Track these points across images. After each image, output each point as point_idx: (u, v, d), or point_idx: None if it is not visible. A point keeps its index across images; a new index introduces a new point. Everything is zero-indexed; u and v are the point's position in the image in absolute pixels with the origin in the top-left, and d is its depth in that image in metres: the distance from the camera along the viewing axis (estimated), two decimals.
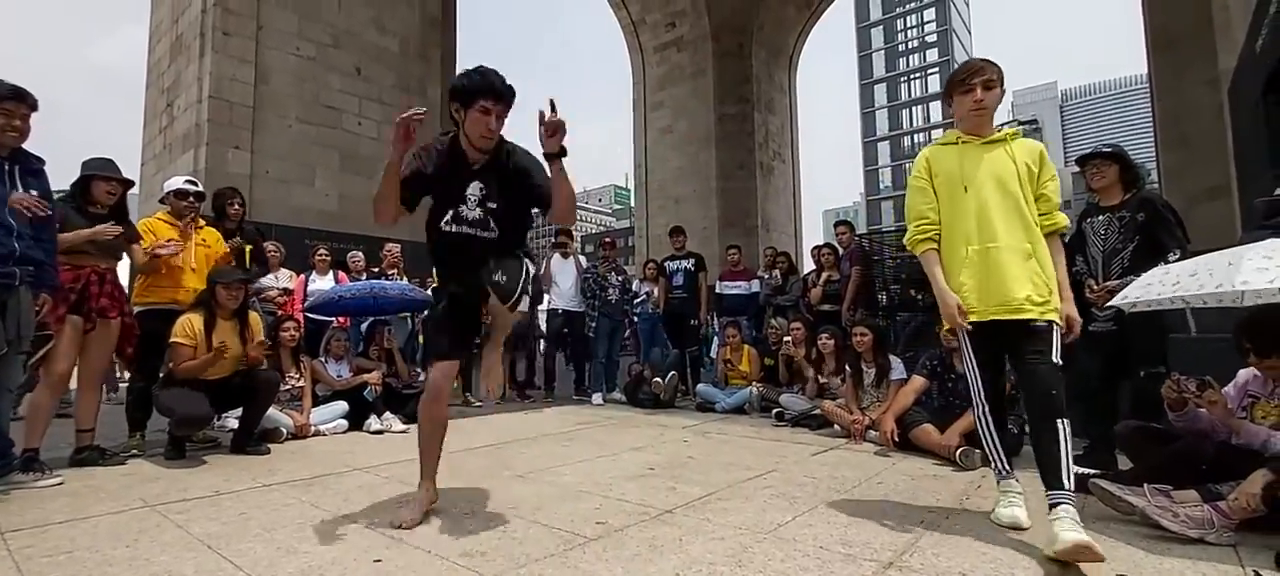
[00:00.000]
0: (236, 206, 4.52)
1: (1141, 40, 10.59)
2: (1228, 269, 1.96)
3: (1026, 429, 3.90)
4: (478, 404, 5.85)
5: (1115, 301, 2.50)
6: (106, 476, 2.93)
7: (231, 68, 8.59)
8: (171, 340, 3.42)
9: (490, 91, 2.13)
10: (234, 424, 3.61)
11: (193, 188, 3.86)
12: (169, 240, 3.56)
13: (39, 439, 2.93)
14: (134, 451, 3.43)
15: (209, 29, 8.38)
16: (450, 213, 2.23)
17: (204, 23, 8.43)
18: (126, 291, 3.46)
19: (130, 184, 3.42)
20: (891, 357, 4.18)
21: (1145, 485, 2.24)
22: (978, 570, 1.81)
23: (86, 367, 3.22)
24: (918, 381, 3.65)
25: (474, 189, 2.22)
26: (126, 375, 4.07)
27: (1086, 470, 2.69)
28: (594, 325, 6.19)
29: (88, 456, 3.15)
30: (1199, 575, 1.78)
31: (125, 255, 3.41)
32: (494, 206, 2.25)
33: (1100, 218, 3.06)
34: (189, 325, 3.45)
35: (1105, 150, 3.08)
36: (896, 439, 3.44)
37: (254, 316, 3.79)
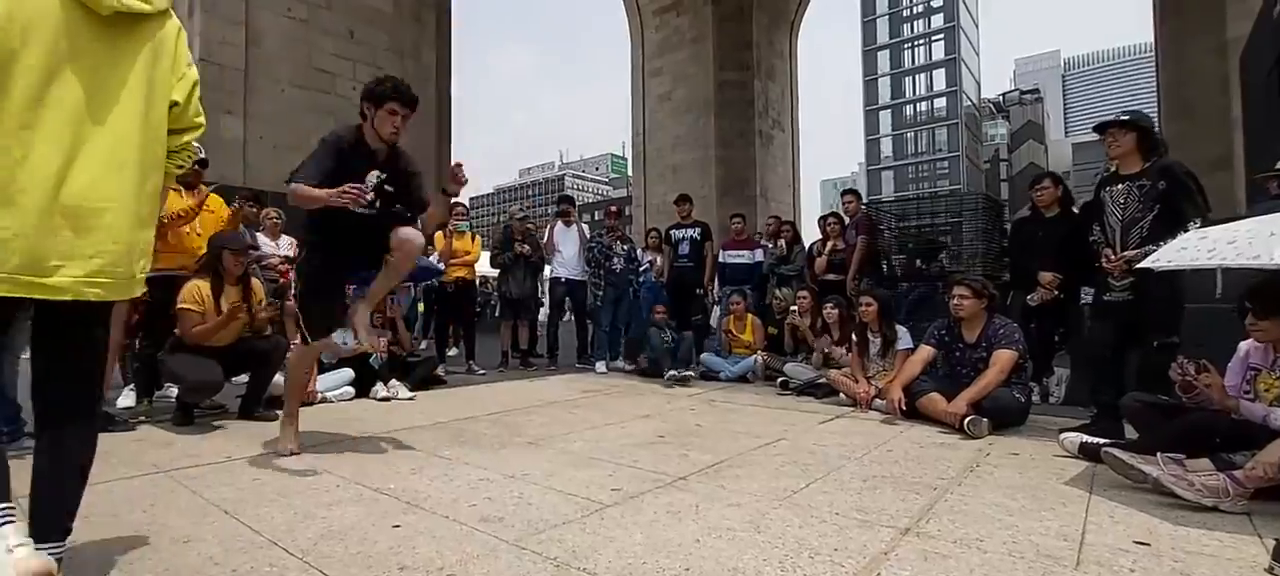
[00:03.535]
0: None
1: (1148, 7, 10.43)
2: (1270, 239, 1.93)
3: (1037, 396, 3.94)
4: (481, 372, 5.85)
5: (1146, 263, 2.48)
6: (117, 442, 2.91)
7: (222, 29, 8.36)
8: (180, 306, 3.38)
9: (400, 98, 2.56)
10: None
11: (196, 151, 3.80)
12: (180, 212, 3.56)
13: None
14: (142, 417, 3.42)
15: None
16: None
17: None
18: None
19: None
20: (897, 327, 4.18)
21: (1158, 454, 2.26)
22: (994, 537, 1.82)
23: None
24: (925, 350, 3.65)
25: (374, 176, 2.56)
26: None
27: (1096, 439, 2.71)
28: (599, 294, 6.16)
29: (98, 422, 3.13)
30: (1216, 542, 1.79)
31: None
32: (389, 191, 2.62)
33: (1119, 186, 3.02)
34: (197, 291, 3.41)
35: (1123, 117, 3.03)
36: (903, 408, 3.45)
37: (255, 282, 3.75)
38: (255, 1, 8.59)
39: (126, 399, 3.81)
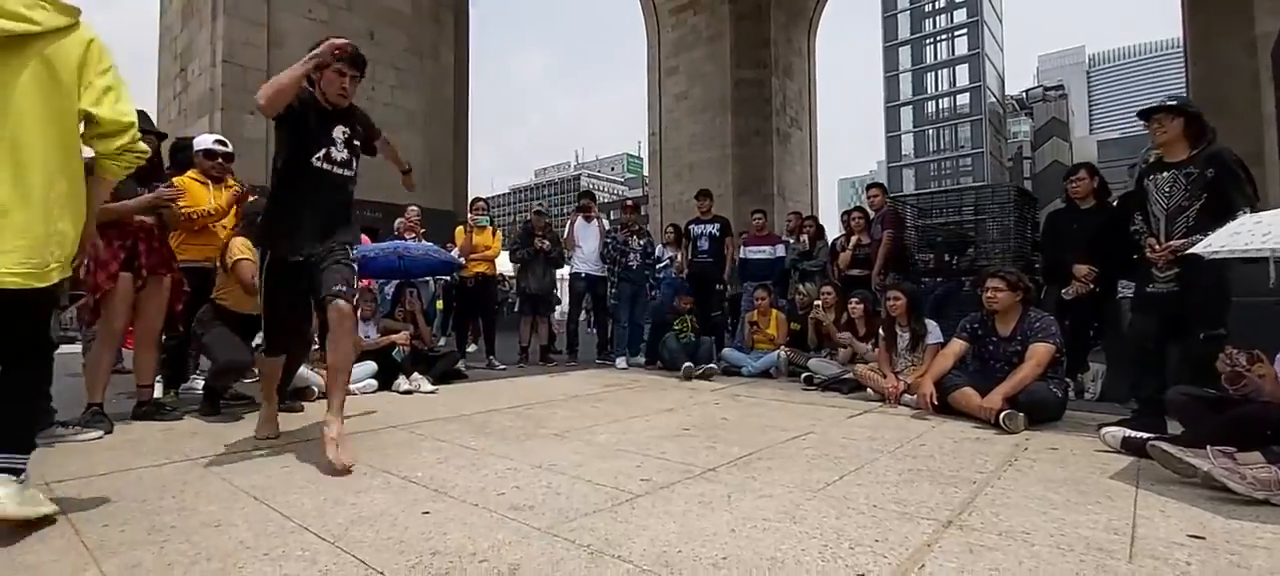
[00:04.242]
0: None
1: (1175, 3, 10.23)
2: None
3: (1073, 393, 3.83)
4: (501, 366, 5.85)
5: (1197, 249, 2.38)
6: (146, 431, 2.94)
7: (244, 31, 8.48)
8: (236, 258, 3.47)
9: (348, 59, 2.49)
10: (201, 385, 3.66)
11: (222, 148, 3.84)
12: (211, 210, 3.63)
13: (101, 393, 2.96)
14: (169, 407, 3.44)
15: None
16: (321, 151, 2.50)
17: None
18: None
19: (164, 137, 3.43)
20: (927, 321, 4.09)
21: (1208, 447, 2.17)
22: (1040, 530, 1.75)
23: (143, 326, 3.22)
24: (957, 344, 3.56)
25: (340, 131, 2.53)
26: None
27: (1140, 433, 2.62)
28: (615, 290, 6.12)
29: (147, 411, 3.19)
30: (1270, 534, 1.71)
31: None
32: (358, 145, 2.63)
33: (1165, 174, 2.91)
34: (245, 246, 3.50)
35: (1169, 103, 2.93)
36: (935, 403, 3.37)
37: None
38: (277, 4, 8.70)
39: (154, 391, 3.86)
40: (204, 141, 3.85)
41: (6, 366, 1.74)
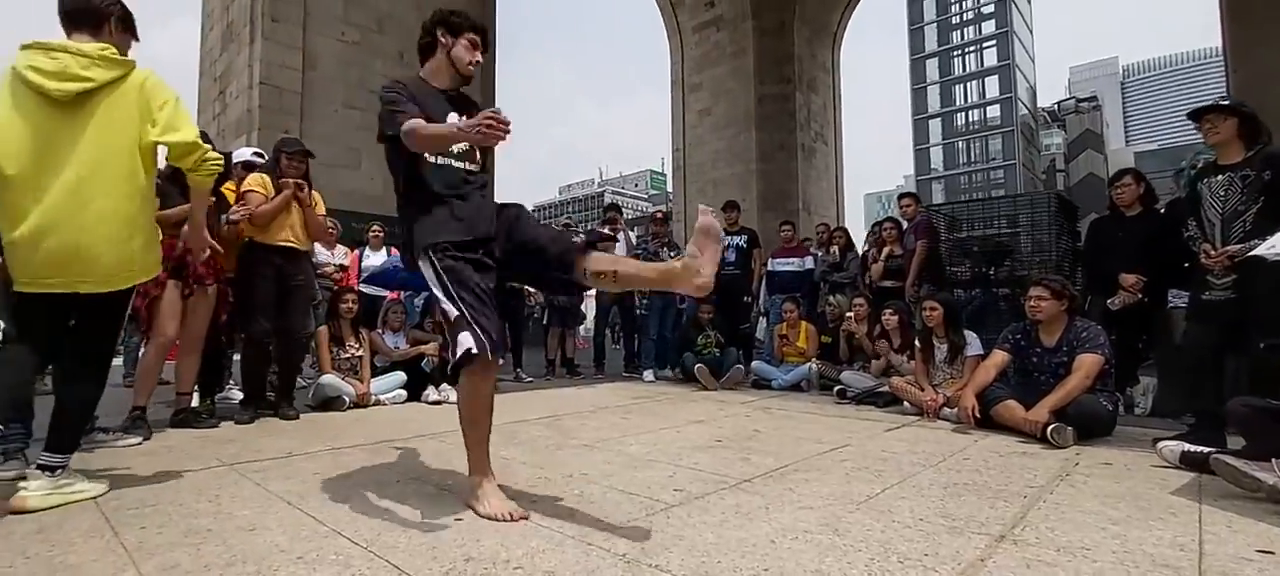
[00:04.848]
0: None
1: (1213, 9, 9.95)
2: None
3: (1122, 408, 3.67)
4: (528, 379, 5.84)
5: (1260, 250, 2.26)
6: (182, 438, 2.98)
7: (280, 54, 8.73)
8: (244, 188, 3.55)
9: (478, 29, 2.18)
10: (238, 394, 3.84)
11: (259, 159, 3.95)
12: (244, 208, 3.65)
13: (146, 398, 3.03)
14: (206, 416, 3.50)
15: (259, 15, 8.51)
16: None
17: (253, 9, 8.58)
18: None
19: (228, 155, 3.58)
20: (966, 332, 3.96)
21: (1274, 460, 2.05)
22: (1101, 545, 1.65)
23: (187, 333, 3.27)
24: (999, 356, 3.43)
25: (453, 117, 2.01)
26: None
27: (1199, 447, 2.48)
28: (645, 302, 6.09)
29: (185, 418, 3.25)
30: None
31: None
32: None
33: (1219, 177, 2.78)
34: (261, 181, 3.59)
35: (1223, 102, 2.81)
36: (977, 416, 3.25)
37: (316, 195, 3.86)
38: (312, 27, 8.95)
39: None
40: (243, 154, 3.97)
41: (71, 374, 2.07)
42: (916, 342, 4.19)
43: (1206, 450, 2.38)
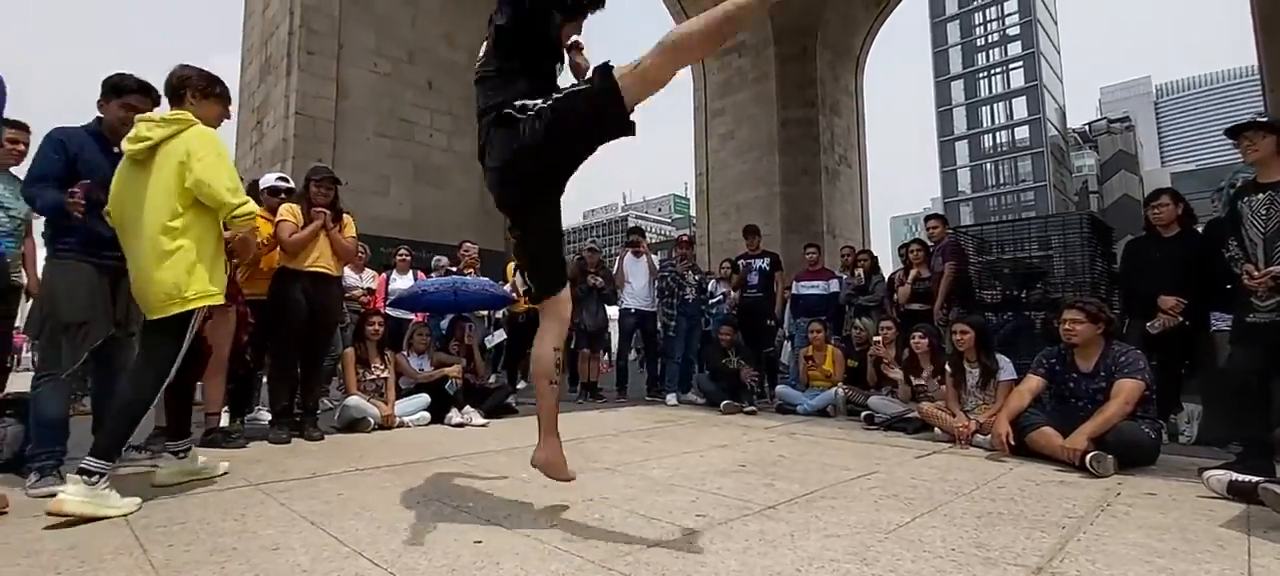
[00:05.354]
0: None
1: (1247, 27, 9.69)
2: None
3: (1166, 436, 3.52)
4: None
5: None
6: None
7: (315, 85, 9.04)
8: (278, 219, 3.67)
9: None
10: (267, 416, 3.91)
11: (284, 184, 4.06)
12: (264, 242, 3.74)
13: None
14: (235, 436, 3.56)
15: (295, 49, 8.83)
16: None
17: (291, 44, 8.91)
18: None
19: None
20: (998, 356, 3.85)
21: None
22: None
23: (212, 356, 3.35)
24: (1034, 381, 3.32)
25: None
26: None
27: (1248, 477, 2.35)
28: (672, 325, 6.06)
29: (214, 438, 3.32)
30: None
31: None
32: None
33: (1260, 196, 2.69)
34: (291, 211, 3.71)
35: (1260, 120, 2.73)
36: (1012, 443, 3.13)
37: (347, 217, 3.96)
38: (346, 59, 9.27)
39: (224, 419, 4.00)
40: (268, 180, 4.09)
41: (132, 370, 2.33)
42: (947, 367, 4.08)
43: (1255, 479, 2.26)
